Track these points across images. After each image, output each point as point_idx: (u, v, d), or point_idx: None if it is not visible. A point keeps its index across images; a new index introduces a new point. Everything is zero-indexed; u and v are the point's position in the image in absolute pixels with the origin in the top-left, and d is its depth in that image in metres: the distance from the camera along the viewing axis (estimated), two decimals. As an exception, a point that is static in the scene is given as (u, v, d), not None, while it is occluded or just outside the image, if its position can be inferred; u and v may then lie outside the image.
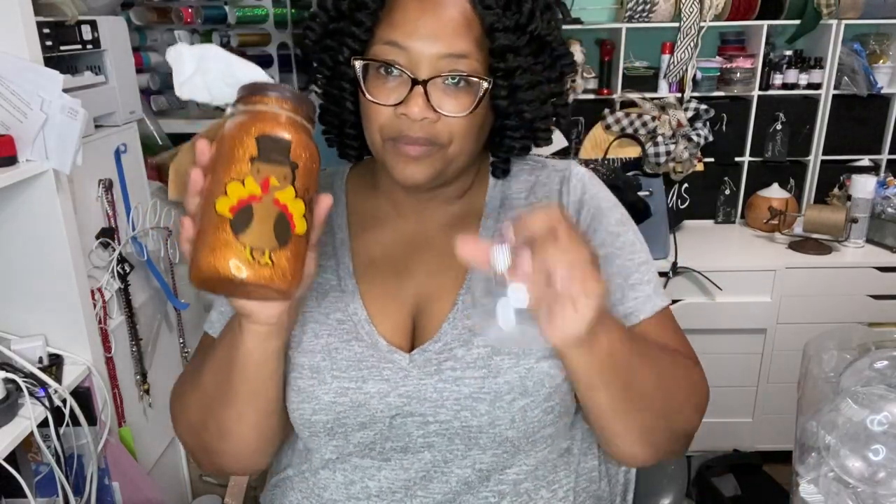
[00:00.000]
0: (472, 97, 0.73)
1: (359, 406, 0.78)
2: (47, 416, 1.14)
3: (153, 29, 1.95)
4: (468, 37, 0.72)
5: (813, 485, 0.93)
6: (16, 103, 1.09)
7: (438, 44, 0.71)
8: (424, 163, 0.75)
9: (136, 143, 1.57)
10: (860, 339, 1.03)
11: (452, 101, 0.73)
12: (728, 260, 2.18)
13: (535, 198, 0.85)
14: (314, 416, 0.79)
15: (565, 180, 0.85)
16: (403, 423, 0.78)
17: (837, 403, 0.92)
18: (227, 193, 0.58)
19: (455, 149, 0.75)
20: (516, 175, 0.88)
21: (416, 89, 0.71)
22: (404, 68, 0.72)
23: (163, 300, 1.66)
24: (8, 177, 1.05)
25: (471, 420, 0.76)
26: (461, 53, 0.72)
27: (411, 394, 0.77)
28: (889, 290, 2.13)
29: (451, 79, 0.72)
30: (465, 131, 0.74)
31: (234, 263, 0.57)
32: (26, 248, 1.19)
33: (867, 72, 2.25)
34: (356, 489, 0.81)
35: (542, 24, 0.75)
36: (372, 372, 0.79)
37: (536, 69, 0.77)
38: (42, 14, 1.25)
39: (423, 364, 0.78)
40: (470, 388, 0.76)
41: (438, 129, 0.73)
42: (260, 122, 0.60)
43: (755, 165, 2.42)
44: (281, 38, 1.95)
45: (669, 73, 2.29)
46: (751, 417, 2.24)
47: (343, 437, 0.80)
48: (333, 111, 0.84)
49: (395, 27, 0.73)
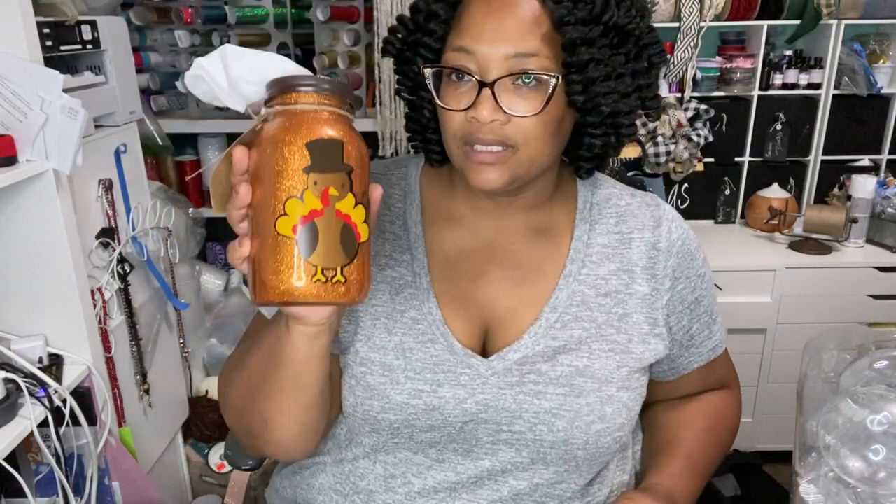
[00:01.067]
0: (543, 96, 0.71)
1: (432, 410, 0.78)
2: (47, 416, 1.14)
3: (153, 29, 1.95)
4: (536, 35, 0.70)
5: (813, 485, 0.93)
6: (16, 103, 1.09)
7: (505, 45, 0.70)
8: (498, 168, 0.73)
9: (136, 143, 1.57)
10: (860, 339, 1.03)
11: (523, 102, 0.71)
12: (728, 260, 2.17)
13: (627, 227, 0.84)
14: (382, 415, 0.79)
15: (659, 221, 0.85)
16: (475, 430, 0.78)
17: (837, 403, 0.92)
18: (287, 212, 0.55)
19: (529, 151, 0.73)
20: (606, 199, 0.86)
21: (483, 92, 0.70)
22: (472, 72, 0.71)
23: (163, 300, 1.66)
24: (8, 177, 1.05)
25: (546, 435, 0.77)
26: (529, 52, 0.70)
27: (489, 402, 0.78)
28: (889, 290, 2.13)
29: (522, 79, 0.71)
30: (538, 132, 0.72)
31: (307, 286, 0.55)
32: (26, 248, 1.19)
33: (867, 72, 2.25)
34: (397, 483, 0.81)
35: (618, 13, 0.72)
36: (448, 377, 0.78)
37: (616, 61, 0.74)
38: (42, 14, 1.25)
39: (504, 373, 0.78)
40: (551, 404, 0.77)
41: (510, 132, 0.72)
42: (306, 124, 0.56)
43: (755, 165, 2.42)
44: (281, 38, 1.95)
45: (669, 73, 2.29)
46: (751, 417, 2.24)
47: (408, 436, 0.80)
48: (416, 119, 0.84)
49: (463, 33, 0.72)
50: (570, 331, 0.80)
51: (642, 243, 0.84)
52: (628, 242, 0.84)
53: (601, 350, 0.80)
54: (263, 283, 0.56)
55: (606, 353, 0.80)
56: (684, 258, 0.85)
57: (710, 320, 0.89)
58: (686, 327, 0.87)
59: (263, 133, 0.57)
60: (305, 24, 1.99)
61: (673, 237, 0.84)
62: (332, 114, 0.57)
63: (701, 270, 0.87)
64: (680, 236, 0.85)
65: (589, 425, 0.77)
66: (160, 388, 1.63)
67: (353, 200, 0.56)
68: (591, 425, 0.77)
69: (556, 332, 0.80)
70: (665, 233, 0.84)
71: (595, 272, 0.82)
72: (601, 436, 0.78)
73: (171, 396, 1.74)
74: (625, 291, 0.82)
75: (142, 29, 1.93)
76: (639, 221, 0.85)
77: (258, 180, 0.57)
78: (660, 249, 0.84)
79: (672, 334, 0.85)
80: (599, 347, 0.80)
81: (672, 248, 0.84)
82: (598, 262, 0.83)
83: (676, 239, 0.85)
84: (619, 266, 0.83)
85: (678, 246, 0.85)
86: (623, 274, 0.83)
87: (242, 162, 0.59)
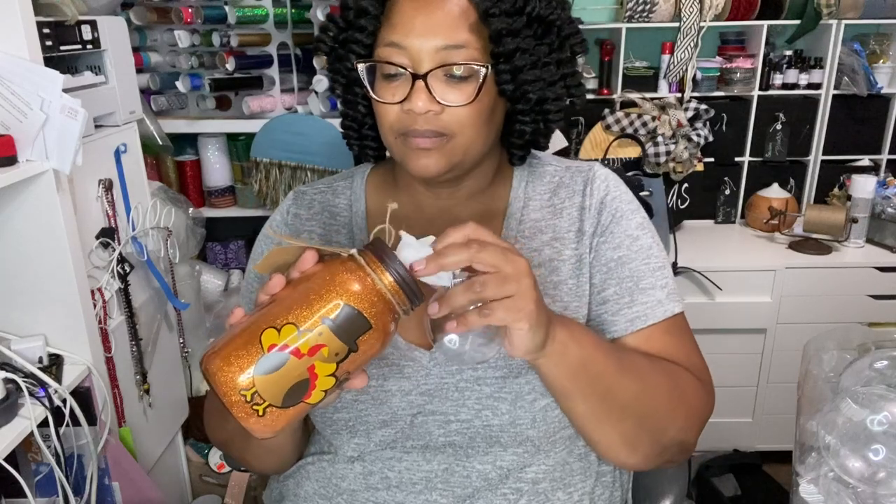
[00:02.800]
0: (475, 86, 0.74)
1: (380, 404, 0.79)
2: (47, 416, 1.14)
3: (153, 29, 1.95)
4: (464, 27, 0.73)
5: (813, 485, 0.93)
6: (16, 103, 1.09)
7: (435, 37, 0.73)
8: (435, 154, 0.76)
9: (136, 143, 1.57)
10: (860, 339, 1.03)
11: (455, 92, 0.74)
12: (728, 260, 2.18)
13: (558, 198, 0.86)
14: (336, 415, 0.81)
15: (589, 181, 0.86)
16: (424, 422, 0.79)
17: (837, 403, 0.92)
18: (279, 331, 0.57)
19: (464, 139, 0.76)
20: (540, 176, 0.88)
21: (417, 84, 0.73)
22: (404, 65, 0.74)
23: (163, 300, 1.66)
24: (8, 177, 1.05)
25: (492, 419, 0.77)
26: (458, 44, 0.73)
27: (433, 392, 0.78)
28: (889, 290, 2.13)
29: (454, 70, 0.73)
30: (471, 120, 0.75)
31: (232, 389, 0.56)
32: (26, 248, 1.19)
33: (867, 72, 2.25)
34: (375, 479, 0.82)
35: (540, 4, 0.75)
36: (393, 370, 0.79)
37: (540, 50, 0.77)
38: (42, 14, 1.25)
39: (445, 363, 0.79)
40: (491, 388, 0.77)
41: (445, 121, 0.74)
42: (362, 293, 0.58)
43: (755, 165, 2.42)
44: (281, 38, 1.95)
45: (669, 73, 2.29)
46: (751, 417, 2.24)
47: (365, 434, 0.81)
48: (351, 115, 0.86)
49: (394, 28, 0.75)
50: None
51: (573, 209, 0.85)
52: (560, 212, 0.85)
53: None
54: (214, 355, 0.58)
55: None
56: (611, 216, 0.83)
57: (635, 287, 0.82)
58: (599, 287, 0.82)
59: (333, 264, 0.60)
60: (305, 24, 2.00)
61: (599, 194, 0.85)
62: (388, 305, 0.59)
63: (634, 233, 0.83)
64: (609, 192, 0.85)
65: (532, 403, 0.77)
66: (160, 388, 1.63)
67: (331, 370, 0.58)
68: (535, 402, 0.77)
69: None
70: (593, 191, 0.85)
71: (528, 245, 0.83)
72: (547, 410, 0.78)
73: (171, 396, 1.74)
74: (558, 259, 0.82)
75: (142, 29, 1.93)
76: (570, 189, 0.86)
77: (295, 286, 0.59)
78: (585, 207, 0.84)
79: (588, 292, 0.83)
80: None
81: (598, 204, 0.84)
82: (530, 236, 0.84)
83: (604, 195, 0.85)
84: (552, 236, 0.84)
85: (605, 201, 0.84)
86: (556, 242, 0.83)
87: (303, 265, 0.62)
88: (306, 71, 2.07)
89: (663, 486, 1.05)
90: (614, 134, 2.30)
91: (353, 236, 0.87)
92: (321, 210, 0.90)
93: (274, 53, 1.95)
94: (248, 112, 1.93)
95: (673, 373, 0.80)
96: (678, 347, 0.83)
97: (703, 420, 0.83)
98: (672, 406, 0.79)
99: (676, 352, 0.83)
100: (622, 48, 2.25)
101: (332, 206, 0.90)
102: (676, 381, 0.80)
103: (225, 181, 2.12)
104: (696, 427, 0.82)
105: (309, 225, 0.90)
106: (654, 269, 0.83)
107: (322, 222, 0.89)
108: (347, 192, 0.91)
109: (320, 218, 0.90)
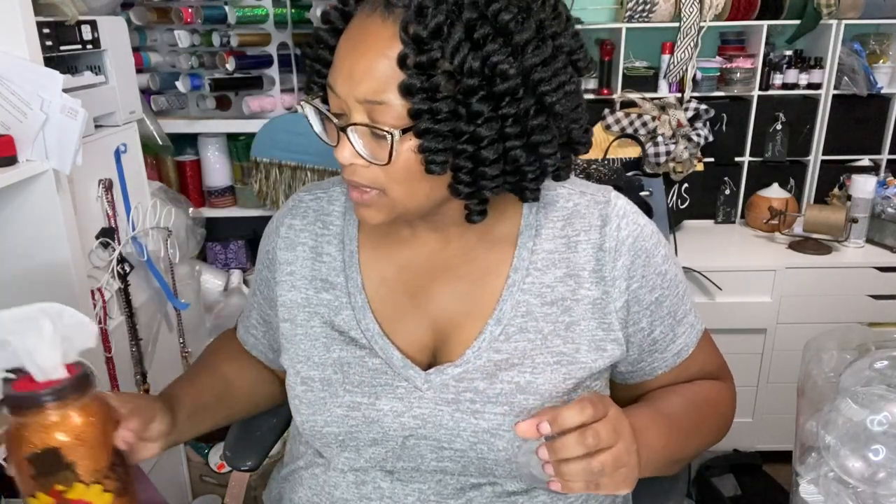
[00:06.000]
0: (387, 147, 0.66)
1: (371, 423, 0.77)
2: (47, 416, 1.14)
3: (153, 29, 1.94)
4: (388, 79, 0.64)
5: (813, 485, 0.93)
6: (16, 103, 1.09)
7: (357, 89, 0.65)
8: (374, 209, 0.72)
9: (136, 143, 1.57)
10: (860, 339, 1.03)
11: (377, 149, 0.67)
12: (728, 260, 2.17)
13: (573, 229, 0.80)
14: (325, 429, 0.79)
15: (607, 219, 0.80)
16: (416, 445, 0.77)
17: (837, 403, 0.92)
18: None
19: (397, 194, 0.70)
20: (552, 202, 0.82)
21: (341, 135, 0.68)
22: (333, 113, 0.69)
23: (163, 300, 1.66)
24: (8, 177, 1.05)
25: (487, 454, 0.76)
26: (377, 100, 0.65)
27: (427, 417, 0.77)
28: (889, 290, 2.13)
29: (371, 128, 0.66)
30: (399, 178, 0.68)
31: None
32: (26, 248, 1.19)
33: (867, 72, 2.25)
34: (368, 489, 0.81)
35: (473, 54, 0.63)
36: (386, 389, 0.78)
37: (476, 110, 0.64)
38: (42, 14, 1.25)
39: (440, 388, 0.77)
40: (489, 424, 0.75)
41: (373, 175, 0.69)
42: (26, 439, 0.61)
43: (755, 165, 2.42)
44: (281, 38, 1.95)
45: (669, 73, 2.29)
46: (751, 417, 2.24)
47: (355, 450, 0.80)
48: None
49: (333, 68, 0.69)
50: (515, 343, 0.77)
51: (589, 245, 0.79)
52: (574, 246, 0.79)
53: (546, 363, 0.76)
54: None
55: (552, 366, 0.76)
56: (638, 256, 0.79)
57: (674, 322, 0.83)
58: (647, 330, 0.82)
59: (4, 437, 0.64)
60: (305, 24, 1.99)
61: (622, 235, 0.79)
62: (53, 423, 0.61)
63: (662, 268, 0.81)
64: (631, 233, 0.80)
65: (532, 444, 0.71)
66: (160, 388, 1.62)
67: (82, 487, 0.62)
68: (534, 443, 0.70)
69: (500, 346, 0.77)
70: (612, 231, 0.79)
71: (540, 280, 0.79)
72: None
73: (171, 396, 1.74)
74: (571, 298, 0.78)
75: (142, 29, 1.93)
76: (586, 222, 0.80)
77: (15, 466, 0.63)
78: (606, 250, 0.79)
79: (629, 338, 0.81)
80: (544, 360, 0.76)
81: (621, 246, 0.79)
82: (543, 269, 0.79)
83: (626, 237, 0.79)
84: (566, 272, 0.79)
85: (629, 244, 0.79)
86: (570, 280, 0.79)
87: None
88: (306, 71, 2.07)
89: (663, 485, 1.05)
90: (614, 134, 2.30)
91: (344, 246, 0.85)
92: (315, 220, 0.88)
93: (274, 53, 1.95)
94: (248, 112, 1.93)
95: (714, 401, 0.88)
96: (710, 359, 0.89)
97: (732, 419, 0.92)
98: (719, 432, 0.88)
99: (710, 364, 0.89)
100: (622, 48, 2.25)
101: (326, 214, 0.88)
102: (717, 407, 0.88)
103: (225, 181, 2.12)
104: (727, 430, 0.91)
105: (302, 237, 0.87)
106: (682, 295, 0.85)
107: (314, 233, 0.87)
108: (343, 198, 0.88)
109: (312, 228, 0.87)
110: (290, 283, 0.86)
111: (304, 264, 0.86)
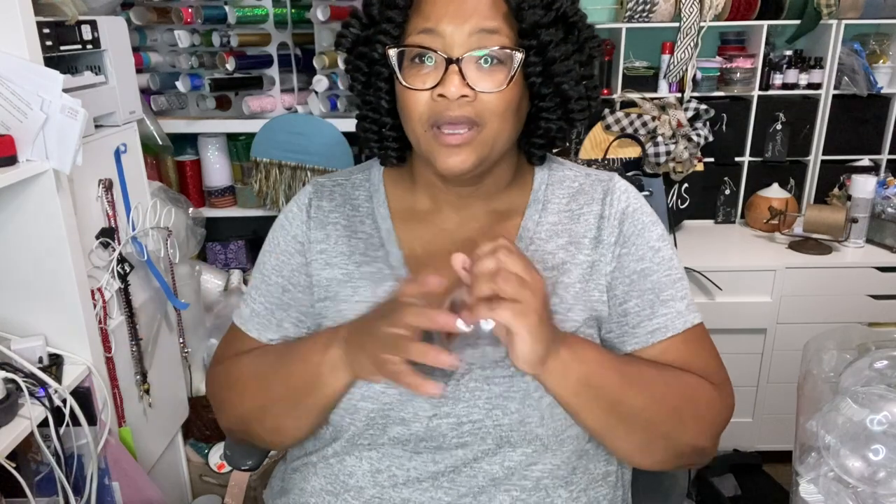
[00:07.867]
0: (507, 73, 0.75)
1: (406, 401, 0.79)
2: (47, 416, 1.14)
3: (153, 29, 1.95)
4: (497, 14, 0.75)
5: (813, 485, 0.93)
6: (16, 103, 1.09)
7: (468, 23, 0.73)
8: (466, 150, 0.76)
9: (136, 143, 1.57)
10: (860, 339, 1.03)
11: (487, 79, 0.75)
12: (728, 260, 2.18)
13: (577, 204, 0.87)
14: (361, 402, 0.81)
15: (609, 191, 0.87)
16: (439, 426, 0.79)
17: (837, 403, 0.92)
18: None
19: (493, 129, 0.76)
20: (560, 181, 0.89)
21: (451, 68, 0.74)
22: (438, 50, 0.74)
23: (163, 300, 1.66)
24: (8, 177, 1.05)
25: (502, 418, 0.78)
26: (491, 29, 0.74)
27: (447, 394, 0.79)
28: (889, 290, 2.13)
29: (485, 59, 0.74)
30: (501, 109, 0.75)
31: None
32: (26, 248, 1.19)
33: (867, 72, 2.25)
34: (383, 477, 0.82)
35: (567, 3, 0.77)
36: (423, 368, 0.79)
37: (566, 48, 0.78)
38: (42, 14, 1.25)
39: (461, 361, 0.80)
40: (500, 388, 0.78)
41: (476, 108, 0.75)
42: None
43: (755, 165, 2.42)
44: (281, 38, 1.95)
45: (669, 73, 2.29)
46: (751, 417, 2.24)
47: (381, 427, 0.81)
48: (372, 118, 0.86)
49: (425, 16, 0.75)
50: None
51: (591, 216, 0.85)
52: (577, 217, 0.86)
53: None
54: None
55: None
56: (633, 226, 0.84)
57: (656, 300, 0.83)
58: (620, 298, 0.83)
59: None
60: (305, 24, 1.99)
61: (620, 205, 0.85)
62: None
63: (656, 244, 0.85)
64: (631, 205, 0.86)
65: (539, 401, 0.77)
66: (160, 388, 1.63)
67: None
68: (542, 400, 0.77)
69: None
70: (613, 201, 0.86)
71: (542, 248, 0.84)
72: (554, 407, 0.78)
73: (171, 396, 1.74)
74: (570, 262, 0.83)
75: (142, 29, 1.93)
76: (589, 197, 0.87)
77: None
78: (605, 216, 0.85)
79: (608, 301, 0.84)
80: None
81: (619, 215, 0.85)
82: (546, 238, 0.85)
83: (625, 206, 0.85)
84: (568, 240, 0.84)
85: (627, 212, 0.85)
86: (570, 246, 0.84)
87: None
88: (306, 71, 2.07)
89: (663, 485, 1.05)
90: (614, 134, 2.30)
91: (378, 226, 0.88)
92: (343, 202, 0.91)
93: (274, 53, 1.95)
94: (248, 112, 1.93)
95: (683, 382, 0.82)
96: (695, 357, 0.85)
97: (718, 426, 0.85)
98: (681, 414, 0.80)
99: (693, 361, 0.84)
100: (622, 48, 2.25)
101: (353, 198, 0.91)
102: (686, 390, 0.82)
103: (225, 181, 2.12)
104: (709, 433, 0.83)
105: (333, 217, 0.90)
106: (675, 280, 0.85)
107: (345, 214, 0.90)
108: (366, 184, 0.92)
109: (342, 210, 0.90)
110: (324, 260, 0.88)
111: (339, 241, 0.88)
